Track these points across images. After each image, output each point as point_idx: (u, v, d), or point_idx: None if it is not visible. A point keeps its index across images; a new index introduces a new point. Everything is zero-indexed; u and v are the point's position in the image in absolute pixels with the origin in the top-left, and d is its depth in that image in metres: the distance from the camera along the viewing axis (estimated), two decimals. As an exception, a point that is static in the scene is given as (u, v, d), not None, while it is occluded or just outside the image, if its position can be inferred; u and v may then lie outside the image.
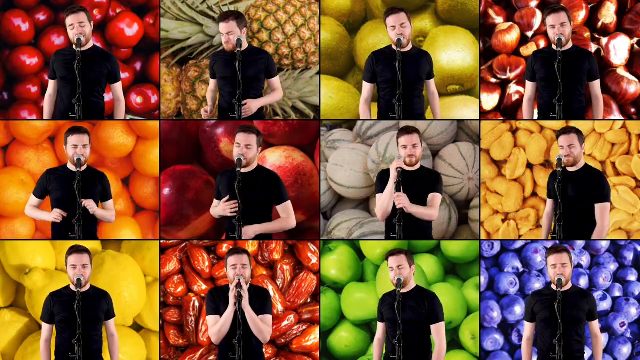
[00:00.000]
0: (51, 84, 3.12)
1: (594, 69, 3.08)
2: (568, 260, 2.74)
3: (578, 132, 2.86)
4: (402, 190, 2.81)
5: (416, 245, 3.35)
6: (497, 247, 3.36)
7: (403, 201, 2.80)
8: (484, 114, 3.50)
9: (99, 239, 3.09)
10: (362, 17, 3.82)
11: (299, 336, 3.22)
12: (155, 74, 3.66)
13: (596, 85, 3.10)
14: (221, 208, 2.85)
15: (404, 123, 3.37)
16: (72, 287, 2.77)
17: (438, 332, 2.73)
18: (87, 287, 2.81)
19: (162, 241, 3.29)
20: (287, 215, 2.90)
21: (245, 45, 3.05)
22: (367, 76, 3.11)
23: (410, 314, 2.71)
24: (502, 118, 3.52)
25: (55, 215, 2.89)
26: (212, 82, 3.18)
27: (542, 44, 3.41)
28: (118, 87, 3.13)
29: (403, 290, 2.73)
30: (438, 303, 2.75)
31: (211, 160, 3.48)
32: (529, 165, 3.51)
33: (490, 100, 3.49)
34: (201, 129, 3.48)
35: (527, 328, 2.83)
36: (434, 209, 2.85)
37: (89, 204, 2.90)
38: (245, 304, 2.66)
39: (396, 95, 2.99)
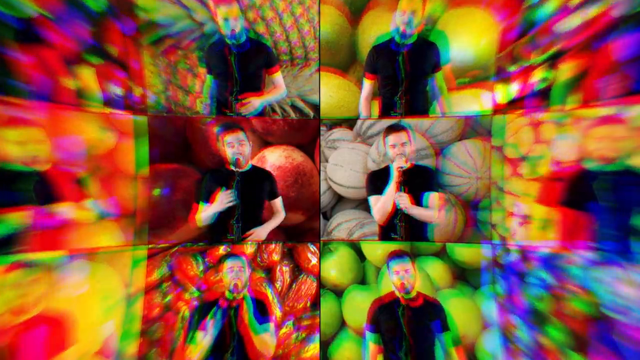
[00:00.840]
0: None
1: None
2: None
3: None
4: (403, 190, 2.78)
5: (419, 247, 3.28)
6: (515, 253, 3.11)
7: (404, 201, 2.76)
8: (499, 107, 3.33)
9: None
10: (365, 2, 3.69)
11: (298, 348, 3.16)
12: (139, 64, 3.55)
13: None
14: (218, 201, 2.83)
15: (406, 121, 3.31)
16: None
17: (445, 342, 2.69)
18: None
19: (149, 247, 3.19)
20: (279, 210, 3.01)
21: (241, 34, 3.01)
22: (367, 71, 3.07)
23: (415, 323, 2.67)
24: (518, 111, 3.33)
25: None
26: (209, 78, 3.13)
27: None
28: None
29: (408, 297, 2.70)
30: (444, 312, 2.72)
31: (205, 159, 3.39)
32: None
33: (506, 91, 3.30)
34: (195, 126, 3.39)
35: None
36: (433, 210, 2.82)
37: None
38: (246, 323, 2.66)
39: (398, 92, 2.94)
